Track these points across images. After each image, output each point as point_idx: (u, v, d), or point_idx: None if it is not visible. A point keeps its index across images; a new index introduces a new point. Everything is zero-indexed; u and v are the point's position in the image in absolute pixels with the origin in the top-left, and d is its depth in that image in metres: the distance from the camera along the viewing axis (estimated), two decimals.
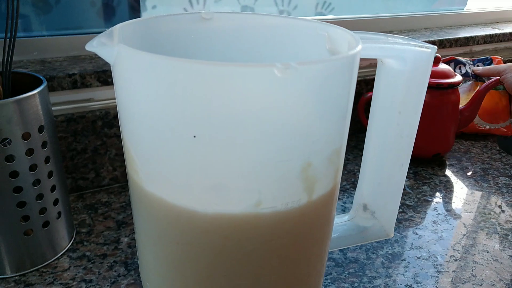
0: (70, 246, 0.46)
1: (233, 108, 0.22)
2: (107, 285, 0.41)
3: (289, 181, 0.24)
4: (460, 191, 0.58)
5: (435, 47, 0.30)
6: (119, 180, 0.58)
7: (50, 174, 0.41)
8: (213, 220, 0.24)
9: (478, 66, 0.73)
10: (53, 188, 0.42)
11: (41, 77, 0.41)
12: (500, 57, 0.74)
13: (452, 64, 0.73)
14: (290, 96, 0.22)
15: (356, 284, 0.42)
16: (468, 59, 0.74)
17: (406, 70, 0.30)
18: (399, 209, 0.54)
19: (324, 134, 0.25)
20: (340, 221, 0.37)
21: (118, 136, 0.55)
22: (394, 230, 0.50)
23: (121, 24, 0.27)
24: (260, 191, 0.24)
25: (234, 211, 0.24)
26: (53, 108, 0.52)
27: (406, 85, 0.31)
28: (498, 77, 0.65)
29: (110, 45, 0.23)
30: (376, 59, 0.32)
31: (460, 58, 0.74)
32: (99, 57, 0.57)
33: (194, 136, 0.22)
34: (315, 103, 0.23)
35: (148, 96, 0.22)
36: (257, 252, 0.26)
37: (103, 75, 0.52)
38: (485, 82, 0.72)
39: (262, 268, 0.26)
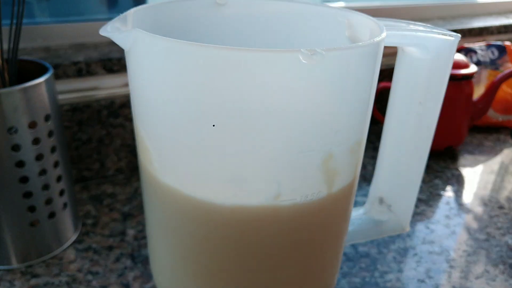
0: (76, 237, 0.45)
1: (254, 96, 0.21)
2: (114, 278, 0.40)
3: (310, 173, 0.23)
4: (473, 184, 0.57)
5: (459, 35, 0.29)
6: (124, 171, 0.57)
7: (56, 164, 0.40)
8: (230, 213, 0.23)
9: (492, 52, 0.71)
10: (59, 179, 0.41)
11: (47, 65, 0.40)
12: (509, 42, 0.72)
13: (462, 53, 0.72)
14: (314, 84, 0.21)
15: (367, 279, 0.41)
16: (482, 43, 0.72)
17: (428, 59, 0.29)
18: None
19: (347, 124, 0.24)
20: (355, 214, 0.36)
21: (123, 126, 0.54)
22: None
23: (135, 8, 0.25)
24: (279, 183, 0.23)
25: (253, 203, 0.23)
26: (59, 97, 0.51)
27: (427, 74, 0.30)
28: None
29: (126, 31, 0.22)
30: (390, 47, 0.31)
31: (470, 46, 0.72)
32: (104, 45, 0.56)
33: (213, 125, 0.21)
34: (339, 92, 0.22)
35: (165, 83, 0.21)
36: (274, 245, 0.25)
37: (108, 63, 0.51)
38: (498, 69, 0.70)
39: (278, 261, 0.26)
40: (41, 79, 0.37)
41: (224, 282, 0.26)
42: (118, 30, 0.22)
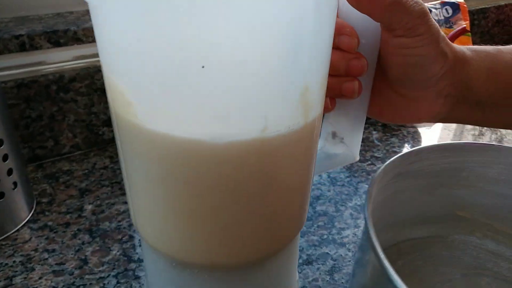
0: (31, 217, 0.44)
1: (235, 30, 0.21)
2: (72, 254, 0.40)
3: (291, 105, 0.24)
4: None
5: None
6: (81, 147, 0.55)
7: (0, 143, 0.39)
8: (223, 149, 0.23)
9: (447, 10, 0.71)
10: (5, 158, 0.39)
11: None
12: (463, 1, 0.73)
13: None
14: (295, 14, 0.21)
15: (325, 236, 0.42)
16: (437, 2, 0.72)
17: None
18: (368, 161, 0.54)
19: (320, 57, 0.25)
20: None
21: (75, 101, 0.53)
22: (363, 182, 0.50)
23: None
24: (266, 117, 0.23)
25: (243, 138, 0.24)
26: (1, 74, 0.49)
27: None
28: (465, 25, 0.64)
29: None
30: None
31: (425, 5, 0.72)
32: (49, 17, 0.53)
33: (203, 67, 0.21)
34: (317, 24, 0.23)
35: (141, 22, 0.20)
36: (261, 177, 0.25)
37: (53, 36, 0.49)
38: (452, 27, 0.71)
39: (263, 196, 0.26)
40: None
41: (211, 221, 0.26)
42: None
